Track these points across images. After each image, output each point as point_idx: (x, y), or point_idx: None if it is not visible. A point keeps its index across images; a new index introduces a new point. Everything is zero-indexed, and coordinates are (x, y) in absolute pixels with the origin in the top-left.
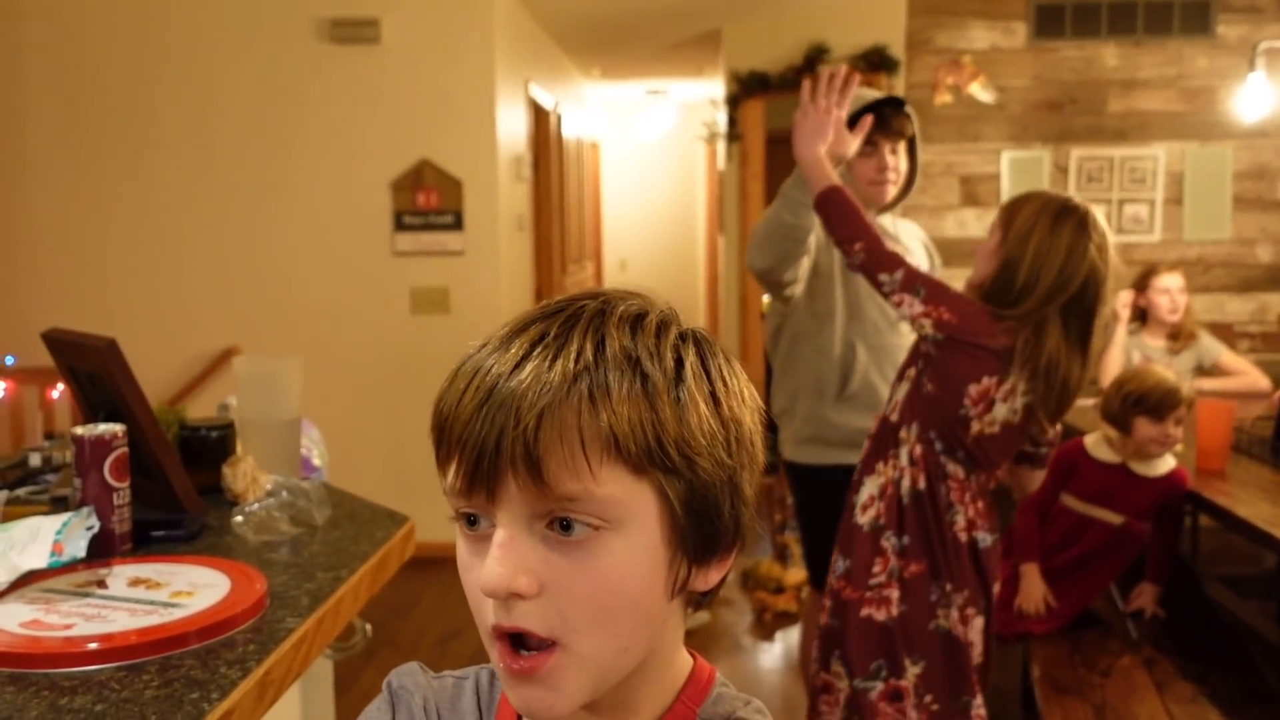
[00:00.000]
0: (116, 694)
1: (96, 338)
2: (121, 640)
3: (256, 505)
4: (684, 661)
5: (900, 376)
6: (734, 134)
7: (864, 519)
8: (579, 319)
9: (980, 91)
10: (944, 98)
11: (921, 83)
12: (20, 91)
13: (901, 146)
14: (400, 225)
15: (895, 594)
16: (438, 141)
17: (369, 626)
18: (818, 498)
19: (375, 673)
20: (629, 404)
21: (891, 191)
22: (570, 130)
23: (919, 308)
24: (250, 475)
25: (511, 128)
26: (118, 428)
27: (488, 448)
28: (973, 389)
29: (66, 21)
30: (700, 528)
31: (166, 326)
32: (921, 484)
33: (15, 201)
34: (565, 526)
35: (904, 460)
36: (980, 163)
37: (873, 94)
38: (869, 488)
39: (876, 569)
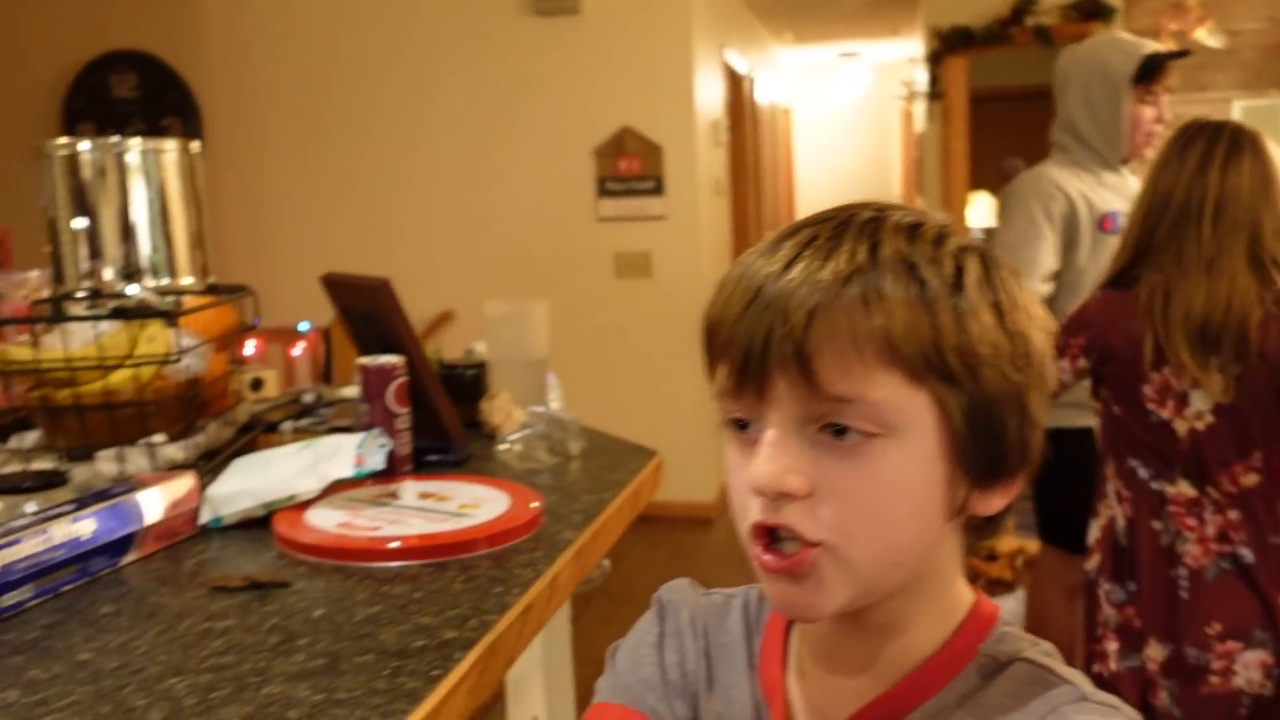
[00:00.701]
0: (428, 586)
1: (372, 278)
2: (422, 541)
3: (519, 434)
4: (964, 594)
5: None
6: (935, 93)
7: (1090, 565)
8: (851, 224)
9: (1207, 37)
10: (1167, 45)
11: (1141, 30)
12: (258, 77)
13: None
14: (603, 191)
15: (1114, 646)
16: (638, 109)
17: (608, 562)
18: (1055, 460)
19: (592, 615)
20: (905, 308)
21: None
22: (763, 96)
23: (1068, 365)
24: (506, 410)
25: (709, 94)
26: (398, 358)
27: (755, 347)
28: (1147, 389)
29: (295, 15)
30: (983, 445)
31: None
32: (1134, 522)
33: (257, 177)
34: (838, 432)
35: (1112, 499)
36: (1210, 113)
37: (1165, 46)
38: (1093, 531)
39: (1098, 619)
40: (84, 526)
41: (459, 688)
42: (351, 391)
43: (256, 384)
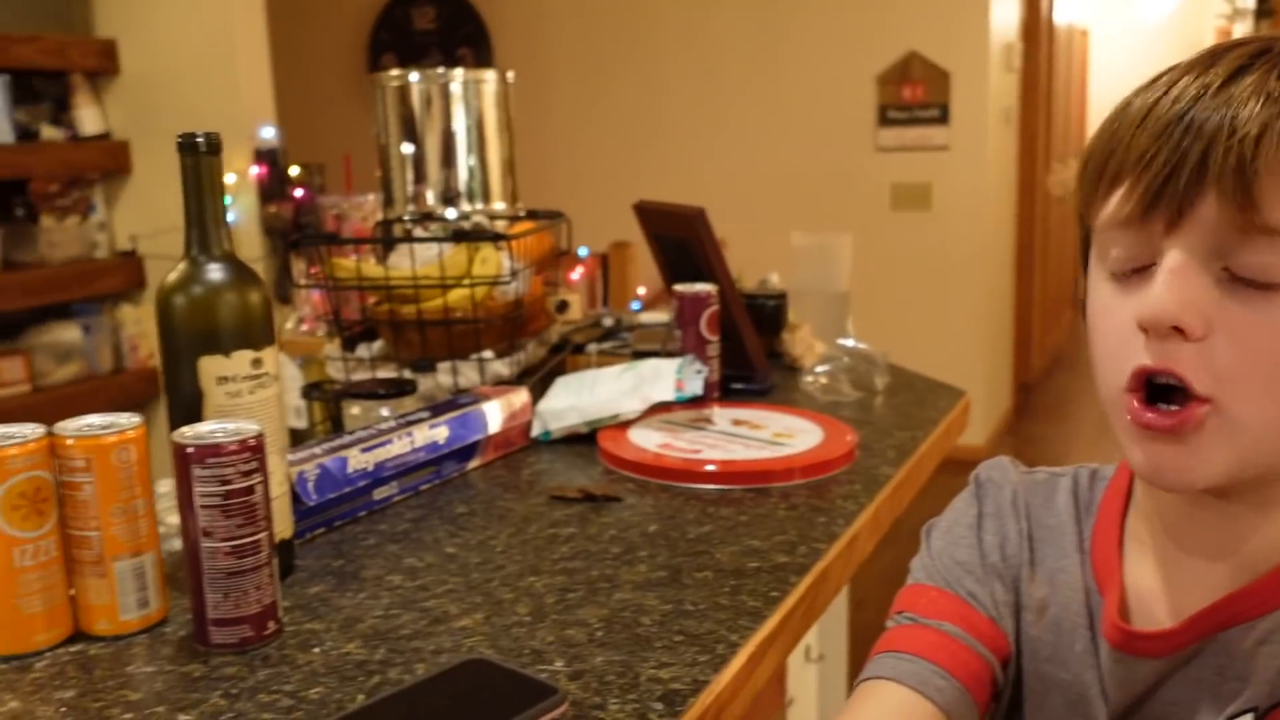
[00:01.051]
0: (752, 510)
1: (687, 207)
2: (742, 466)
3: (824, 367)
4: None
5: None
6: (1265, 9)
7: None
8: None
9: None
10: None
11: None
12: (546, 10)
13: None
14: (884, 120)
15: None
16: (926, 32)
17: None
18: None
19: None
20: None
21: None
22: (1061, 15)
23: None
24: (807, 342)
25: (1003, 14)
26: (712, 287)
27: (1187, 161)
28: None
29: None
30: None
31: None
32: None
33: (542, 106)
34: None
35: None
36: None
37: None
38: None
39: None
40: (439, 432)
41: (795, 611)
42: (647, 317)
43: (562, 306)
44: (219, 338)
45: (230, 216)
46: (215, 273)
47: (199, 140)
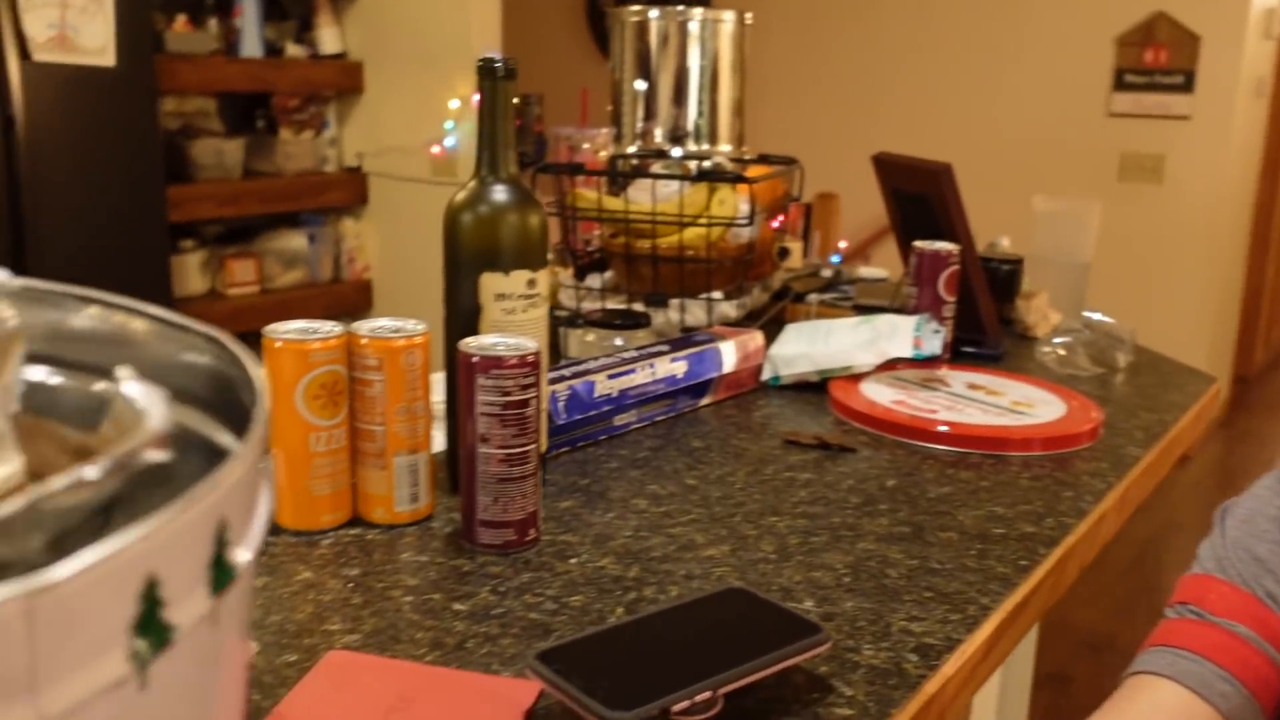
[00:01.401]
0: (992, 476)
1: (932, 162)
2: (978, 431)
3: (1064, 338)
4: None
5: None
6: None
7: None
8: None
9: None
10: None
11: None
12: None
13: None
14: (1120, 84)
15: None
16: None
17: None
18: None
19: None
20: None
21: None
22: None
23: None
24: (1042, 310)
25: None
26: (954, 247)
27: None
28: None
29: None
30: None
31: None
32: None
33: (756, 49)
34: None
35: None
36: None
37: None
38: None
39: None
40: (678, 366)
41: (1044, 583)
42: (867, 271)
43: (783, 254)
44: (500, 256)
45: (451, 141)
46: (501, 194)
47: (497, 65)
